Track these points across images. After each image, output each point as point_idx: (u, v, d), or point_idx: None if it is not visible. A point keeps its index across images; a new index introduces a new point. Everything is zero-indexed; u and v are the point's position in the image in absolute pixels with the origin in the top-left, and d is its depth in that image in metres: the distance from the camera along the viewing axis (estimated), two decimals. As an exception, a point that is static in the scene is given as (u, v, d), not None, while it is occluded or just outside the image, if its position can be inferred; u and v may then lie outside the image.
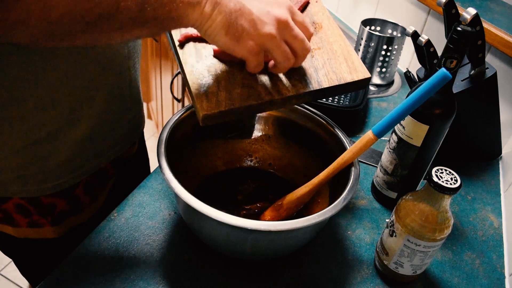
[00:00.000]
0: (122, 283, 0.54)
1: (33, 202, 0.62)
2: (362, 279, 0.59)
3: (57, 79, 0.55)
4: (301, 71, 0.57)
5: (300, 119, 0.66)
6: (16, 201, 0.61)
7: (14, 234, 0.65)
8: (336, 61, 0.59)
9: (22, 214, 0.63)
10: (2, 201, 0.61)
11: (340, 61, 0.59)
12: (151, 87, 2.17)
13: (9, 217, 0.63)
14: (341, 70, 0.58)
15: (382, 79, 1.08)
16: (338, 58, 0.59)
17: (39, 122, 0.56)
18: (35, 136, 0.57)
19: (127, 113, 0.69)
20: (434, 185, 0.50)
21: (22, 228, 0.64)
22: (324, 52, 0.60)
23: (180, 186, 0.48)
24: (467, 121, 0.79)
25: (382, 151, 0.70)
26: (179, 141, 0.59)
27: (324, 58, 0.59)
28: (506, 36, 0.84)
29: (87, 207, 0.69)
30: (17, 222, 0.64)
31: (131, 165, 0.80)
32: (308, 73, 0.57)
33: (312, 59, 0.58)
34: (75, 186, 0.65)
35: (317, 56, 0.59)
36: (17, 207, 0.62)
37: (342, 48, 0.60)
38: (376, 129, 0.51)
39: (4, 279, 1.58)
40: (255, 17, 0.47)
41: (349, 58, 0.59)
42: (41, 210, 0.63)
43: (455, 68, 0.56)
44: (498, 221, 0.74)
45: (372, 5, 1.27)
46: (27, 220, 0.64)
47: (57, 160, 0.60)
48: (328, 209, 0.49)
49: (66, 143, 0.60)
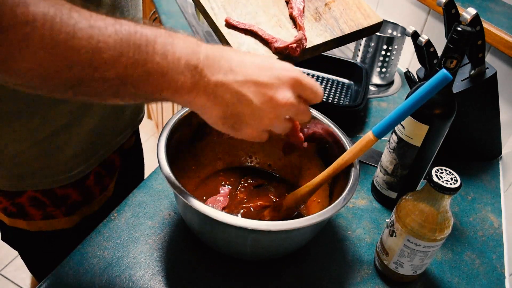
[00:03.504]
0: (122, 283, 0.54)
1: (48, 194, 0.64)
2: (362, 279, 0.59)
3: None
4: (323, 22, 0.67)
5: (300, 119, 0.66)
6: (30, 194, 0.63)
7: (27, 228, 0.66)
8: (350, 10, 0.69)
9: (36, 207, 0.64)
10: (16, 195, 0.63)
11: (354, 10, 0.69)
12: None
13: (23, 211, 0.64)
14: (357, 17, 0.68)
15: (382, 79, 1.08)
16: (351, 8, 0.69)
17: (53, 115, 0.57)
18: (51, 128, 0.58)
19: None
20: (434, 185, 0.49)
21: (35, 221, 0.66)
22: (339, 4, 0.70)
23: (180, 186, 0.48)
24: (467, 121, 0.79)
25: (382, 151, 0.70)
26: (179, 141, 0.59)
27: (340, 9, 0.69)
28: (506, 36, 0.84)
29: (97, 197, 0.71)
30: (31, 215, 0.65)
31: (132, 155, 0.82)
32: (330, 22, 0.67)
33: (330, 10, 0.69)
34: (86, 177, 0.67)
35: (333, 8, 0.69)
36: (32, 200, 0.63)
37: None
38: (376, 130, 0.51)
39: (4, 279, 1.58)
40: (255, 107, 0.42)
41: (361, 6, 0.69)
42: (55, 202, 0.65)
43: (455, 68, 0.56)
44: (498, 221, 0.74)
45: (372, 5, 1.27)
46: (41, 212, 0.65)
47: (71, 151, 0.62)
48: (328, 209, 0.49)
49: (80, 133, 0.62)
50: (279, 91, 0.42)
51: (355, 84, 1.03)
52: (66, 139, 0.61)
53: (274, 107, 0.42)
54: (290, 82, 0.43)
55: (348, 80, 1.05)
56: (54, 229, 0.68)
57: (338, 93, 1.00)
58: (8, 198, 0.63)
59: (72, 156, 0.63)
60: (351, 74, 1.04)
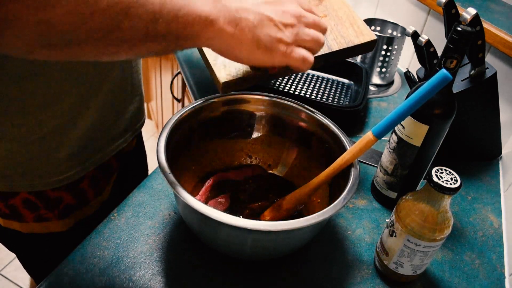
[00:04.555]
0: (122, 283, 0.54)
1: (40, 196, 0.63)
2: (362, 279, 0.59)
3: (64, 73, 0.55)
4: None
5: (300, 119, 0.66)
6: (23, 196, 0.62)
7: (21, 230, 0.66)
8: (342, 26, 0.64)
9: (29, 209, 0.64)
10: (10, 196, 0.62)
11: (346, 26, 0.64)
12: (151, 87, 2.17)
13: (16, 212, 0.64)
14: (349, 34, 0.63)
15: (382, 79, 1.08)
16: (344, 24, 0.64)
17: (46, 116, 0.57)
18: (42, 130, 0.58)
19: (130, 105, 0.71)
20: (434, 185, 0.49)
21: (29, 223, 0.65)
22: (330, 19, 0.65)
23: (180, 186, 0.48)
24: (467, 121, 0.79)
25: (382, 151, 0.70)
26: (179, 141, 0.59)
27: (331, 24, 0.64)
28: (506, 36, 0.84)
29: (92, 200, 0.70)
30: (24, 217, 0.65)
31: (132, 158, 0.81)
32: None
33: None
34: (80, 180, 0.66)
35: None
36: (25, 202, 0.63)
37: (347, 14, 0.65)
38: (376, 130, 0.51)
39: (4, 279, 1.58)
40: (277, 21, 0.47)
41: (354, 23, 0.64)
42: (48, 204, 0.64)
43: (455, 68, 0.56)
44: (498, 221, 0.74)
45: (372, 5, 1.27)
46: (34, 215, 0.65)
47: (64, 153, 0.61)
48: (328, 209, 0.49)
49: (73, 136, 0.61)
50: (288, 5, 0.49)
51: (355, 84, 1.03)
52: (58, 142, 0.60)
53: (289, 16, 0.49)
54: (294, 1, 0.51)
55: (348, 80, 1.05)
56: (47, 232, 0.67)
57: (338, 93, 1.00)
58: (2, 199, 0.62)
59: (65, 159, 0.62)
60: (351, 74, 1.04)
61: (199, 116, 0.63)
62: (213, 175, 0.67)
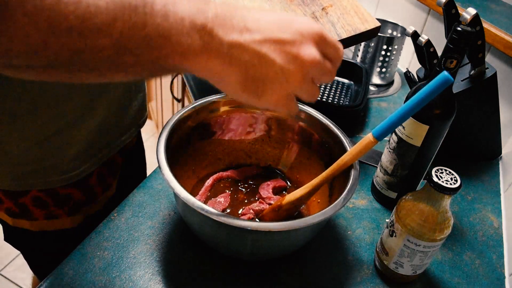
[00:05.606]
0: (122, 283, 0.54)
1: (50, 193, 0.64)
2: (362, 279, 0.59)
3: None
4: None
5: (300, 119, 0.66)
6: (34, 194, 0.63)
7: (30, 228, 0.66)
8: (348, 15, 0.68)
9: (39, 207, 0.64)
10: (20, 195, 0.62)
11: (351, 14, 0.67)
12: (151, 87, 2.17)
13: (26, 210, 0.64)
14: (354, 22, 0.67)
15: (382, 79, 1.08)
16: (349, 12, 0.68)
17: (57, 113, 0.57)
18: (53, 127, 0.58)
19: (134, 101, 0.72)
20: (434, 185, 0.49)
21: (39, 221, 0.66)
22: (336, 8, 0.68)
23: (180, 186, 0.48)
24: (467, 121, 0.79)
25: (382, 151, 0.70)
26: (179, 141, 0.59)
27: (337, 13, 0.68)
28: (506, 36, 0.84)
29: (100, 196, 0.71)
30: (34, 215, 0.65)
31: (133, 155, 0.82)
32: (327, 27, 0.66)
33: (327, 15, 0.67)
34: (89, 176, 0.67)
35: (331, 12, 0.68)
36: (35, 199, 0.63)
37: (350, 3, 0.69)
38: (376, 132, 0.51)
39: (4, 279, 1.58)
40: (278, 68, 0.37)
41: (358, 11, 0.68)
42: (58, 201, 0.65)
43: (455, 68, 0.56)
44: (498, 221, 0.74)
45: (372, 5, 1.27)
46: (44, 212, 0.65)
47: (74, 150, 0.62)
48: (328, 209, 0.49)
49: (83, 132, 0.62)
50: (304, 47, 0.38)
51: (355, 84, 1.03)
52: (69, 138, 0.61)
53: (300, 65, 0.38)
54: (314, 37, 0.39)
55: (348, 80, 1.05)
56: (57, 229, 0.68)
57: (338, 93, 1.00)
58: (11, 198, 0.63)
59: (75, 155, 0.63)
60: (351, 74, 1.04)
61: (199, 116, 0.63)
62: (213, 175, 0.67)
